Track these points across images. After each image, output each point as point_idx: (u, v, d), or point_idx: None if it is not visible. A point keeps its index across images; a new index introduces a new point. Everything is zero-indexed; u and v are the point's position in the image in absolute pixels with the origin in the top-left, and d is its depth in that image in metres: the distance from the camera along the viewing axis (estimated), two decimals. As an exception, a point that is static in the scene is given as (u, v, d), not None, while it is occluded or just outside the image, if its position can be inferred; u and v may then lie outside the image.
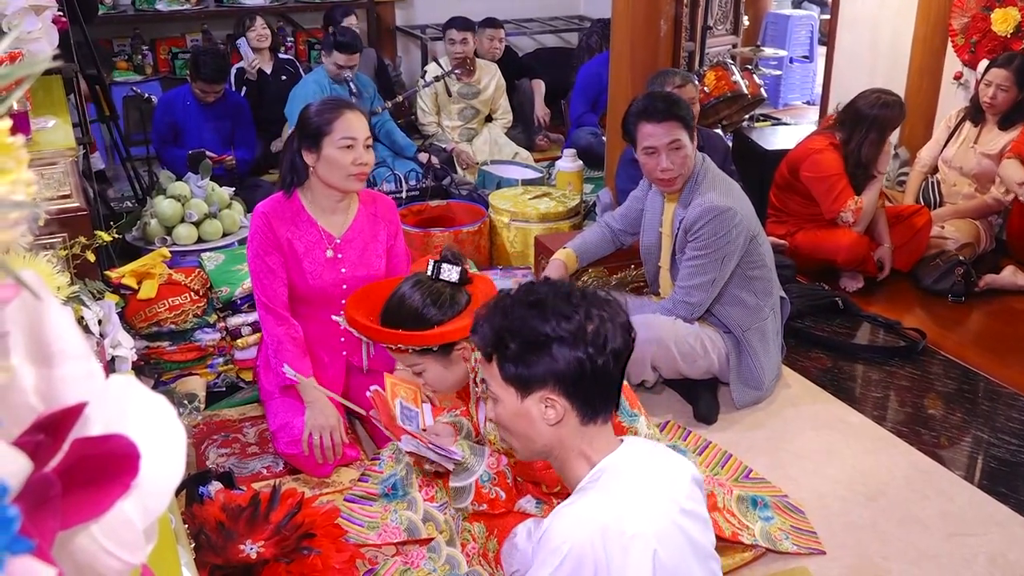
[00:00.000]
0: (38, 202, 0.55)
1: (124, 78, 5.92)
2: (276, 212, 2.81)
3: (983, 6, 4.70)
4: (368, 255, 2.89)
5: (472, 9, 6.52)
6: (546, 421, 1.63)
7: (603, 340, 1.59)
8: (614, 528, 1.53)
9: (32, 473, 0.51)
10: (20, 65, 0.55)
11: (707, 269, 2.99)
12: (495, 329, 1.64)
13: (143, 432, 0.57)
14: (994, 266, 4.23)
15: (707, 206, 2.95)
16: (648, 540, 1.54)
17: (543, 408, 1.63)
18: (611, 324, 1.61)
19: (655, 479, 1.65)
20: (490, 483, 2.22)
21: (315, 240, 2.84)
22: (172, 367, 3.21)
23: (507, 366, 1.63)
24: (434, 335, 2.28)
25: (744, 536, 2.46)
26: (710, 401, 3.14)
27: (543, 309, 1.60)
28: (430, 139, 5.57)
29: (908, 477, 2.83)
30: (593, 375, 1.60)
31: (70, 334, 0.57)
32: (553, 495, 2.21)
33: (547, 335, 1.59)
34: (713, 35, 5.29)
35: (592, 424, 1.66)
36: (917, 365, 3.52)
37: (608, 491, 1.59)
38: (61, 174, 2.55)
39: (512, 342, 1.62)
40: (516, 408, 1.65)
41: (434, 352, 2.31)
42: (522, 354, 1.61)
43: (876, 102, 3.94)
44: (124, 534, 0.57)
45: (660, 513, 1.59)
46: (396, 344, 2.31)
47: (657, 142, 2.97)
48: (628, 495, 1.60)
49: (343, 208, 2.87)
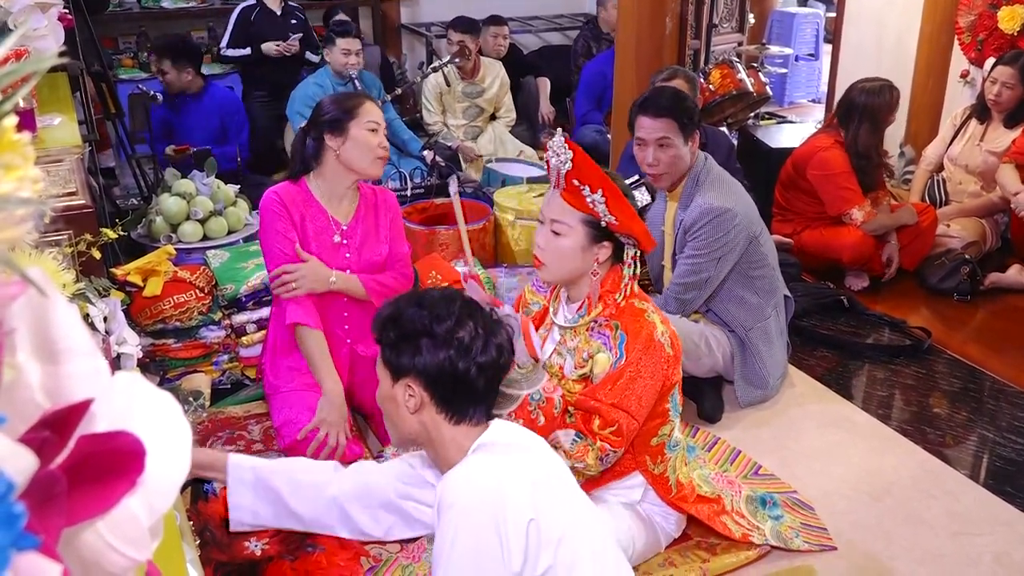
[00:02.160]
0: (44, 199, 0.55)
1: (129, 75, 5.93)
2: (288, 194, 2.87)
3: (990, 4, 4.69)
4: (371, 241, 2.94)
5: (478, 7, 6.52)
6: (407, 408, 1.79)
7: (467, 348, 1.75)
8: (505, 478, 1.67)
9: (38, 470, 0.51)
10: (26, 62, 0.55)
11: (702, 268, 2.99)
12: (385, 317, 1.82)
13: (149, 429, 0.57)
14: (1000, 265, 4.23)
15: (706, 207, 2.95)
16: (527, 485, 1.68)
17: (405, 395, 1.79)
18: (483, 340, 1.76)
19: (526, 447, 1.82)
20: (536, 404, 2.19)
21: (324, 225, 2.89)
22: (177, 364, 3.22)
23: (385, 351, 1.82)
24: (628, 207, 2.16)
25: (755, 536, 2.46)
26: (714, 399, 3.14)
27: (423, 308, 1.78)
28: (435, 137, 5.57)
29: (914, 476, 2.83)
30: (453, 376, 1.75)
31: (76, 331, 0.57)
32: (597, 434, 2.19)
33: (419, 330, 1.76)
34: (718, 33, 5.28)
35: (462, 424, 1.80)
36: (922, 364, 3.52)
37: (487, 454, 1.74)
38: (67, 171, 2.55)
39: (393, 331, 1.80)
40: (388, 391, 1.83)
41: (594, 227, 2.20)
42: (396, 342, 1.79)
43: (863, 90, 3.98)
44: (130, 531, 0.57)
45: (533, 468, 1.75)
46: (595, 188, 2.13)
47: (647, 135, 2.98)
48: (504, 455, 1.75)
49: (350, 196, 2.93)
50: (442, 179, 4.78)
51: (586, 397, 2.21)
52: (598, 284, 2.26)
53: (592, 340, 2.26)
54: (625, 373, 2.17)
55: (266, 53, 5.49)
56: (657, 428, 2.29)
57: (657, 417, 2.28)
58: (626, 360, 2.18)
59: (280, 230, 2.83)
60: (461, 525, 1.63)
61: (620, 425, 2.16)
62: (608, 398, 2.17)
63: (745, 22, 5.96)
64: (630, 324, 2.21)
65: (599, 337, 2.25)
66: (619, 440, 2.18)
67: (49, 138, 2.67)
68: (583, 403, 2.21)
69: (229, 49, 5.55)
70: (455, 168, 5.07)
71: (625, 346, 2.19)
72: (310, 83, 5.06)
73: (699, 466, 2.70)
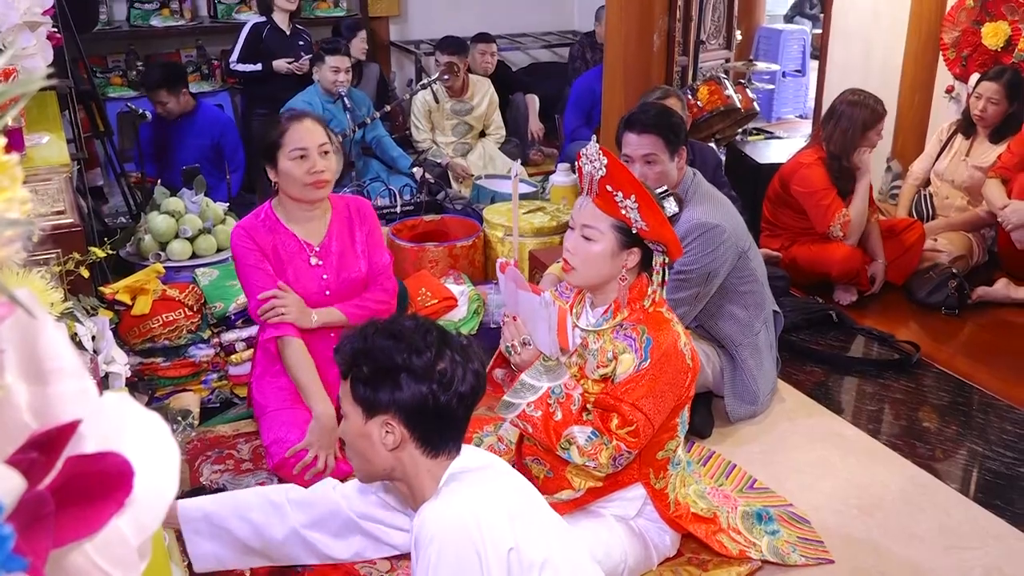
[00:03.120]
0: (33, 219, 0.55)
1: (118, 94, 5.93)
2: (255, 226, 2.85)
3: (973, 20, 4.74)
4: (347, 259, 2.91)
5: (466, 25, 6.55)
6: (384, 445, 1.74)
7: (450, 380, 1.70)
8: (482, 509, 1.65)
9: (26, 491, 0.51)
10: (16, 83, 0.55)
11: (691, 284, 3.00)
12: (354, 350, 1.75)
13: (137, 449, 0.57)
14: (987, 279, 4.24)
15: (695, 222, 2.96)
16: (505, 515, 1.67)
17: (383, 432, 1.73)
18: (462, 368, 1.72)
19: (496, 472, 1.81)
20: (556, 399, 2.20)
21: (297, 249, 2.86)
22: (166, 383, 3.21)
23: (357, 386, 1.74)
24: (659, 213, 2.18)
25: (752, 552, 2.46)
26: (704, 415, 3.14)
27: (399, 340, 1.71)
28: (424, 154, 5.58)
29: (904, 490, 2.83)
30: (435, 411, 1.71)
31: (64, 352, 0.57)
32: (614, 433, 2.18)
33: (397, 364, 1.70)
34: (706, 50, 5.30)
35: (439, 457, 1.77)
36: (911, 378, 3.53)
37: (461, 484, 1.72)
38: (55, 190, 2.55)
39: (365, 365, 1.73)
40: (359, 428, 1.76)
41: (625, 233, 2.21)
42: (371, 378, 1.72)
43: (845, 99, 4.01)
44: (118, 551, 0.57)
45: (507, 493, 1.75)
46: (628, 193, 2.15)
47: (632, 152, 2.99)
48: (478, 484, 1.73)
49: (317, 216, 2.89)
50: (431, 196, 4.79)
51: (607, 395, 2.22)
52: (626, 290, 2.27)
53: (617, 341, 2.26)
54: (647, 375, 2.19)
55: (276, 70, 5.50)
56: (665, 442, 2.30)
57: (667, 431, 2.28)
58: (650, 363, 2.19)
59: (253, 263, 2.81)
60: (442, 559, 1.61)
61: (638, 426, 2.16)
62: (629, 397, 2.18)
63: (732, 39, 5.99)
64: (656, 331, 2.23)
65: (625, 339, 2.25)
66: (635, 441, 2.18)
67: (37, 157, 2.67)
68: (603, 401, 2.22)
69: (239, 64, 5.55)
70: (444, 185, 5.08)
71: (651, 350, 2.20)
72: (299, 100, 5.06)
73: (694, 481, 2.70)
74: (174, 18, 6.14)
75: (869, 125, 3.96)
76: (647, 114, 3.03)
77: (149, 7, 6.08)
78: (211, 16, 6.35)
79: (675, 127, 3.01)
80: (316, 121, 2.82)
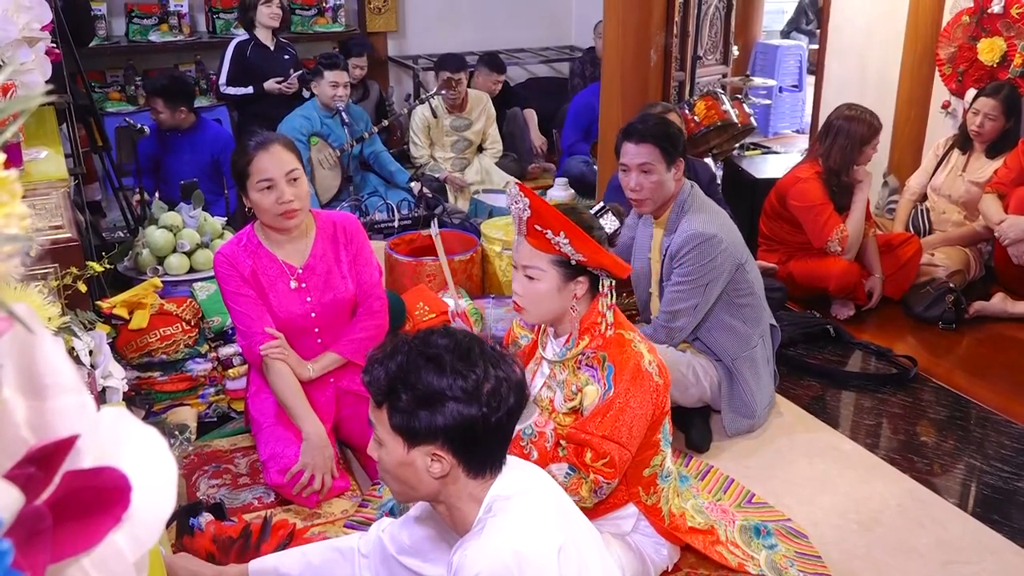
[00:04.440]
0: (31, 235, 0.55)
1: (117, 108, 5.94)
2: (235, 251, 2.81)
3: (969, 36, 4.76)
4: (333, 280, 2.86)
5: (463, 41, 6.58)
6: (431, 474, 1.63)
7: (498, 400, 1.59)
8: (524, 549, 1.56)
9: (23, 506, 0.51)
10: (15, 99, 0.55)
11: (690, 295, 3.00)
12: (389, 377, 1.61)
13: (134, 464, 0.57)
14: (984, 293, 4.25)
15: (692, 232, 2.97)
16: (552, 551, 1.59)
17: (429, 461, 1.62)
18: (506, 383, 1.61)
19: (541, 492, 1.71)
20: (529, 439, 2.20)
21: (278, 273, 2.82)
22: (163, 397, 3.20)
23: (396, 416, 1.61)
24: (593, 244, 2.17)
25: (750, 566, 2.45)
26: (702, 429, 3.14)
27: (440, 364, 1.59)
28: (422, 169, 5.59)
29: (902, 505, 2.83)
30: (485, 433, 1.60)
31: (62, 367, 0.57)
32: (590, 467, 2.18)
33: (441, 392, 1.57)
34: (703, 65, 5.32)
35: (484, 477, 1.67)
36: (909, 392, 3.53)
37: (506, 515, 1.61)
38: (53, 205, 2.55)
39: (405, 393, 1.59)
40: (401, 457, 1.64)
41: (566, 266, 2.21)
42: (413, 407, 1.59)
43: (842, 114, 4.02)
44: (115, 566, 0.57)
45: (555, 525, 1.65)
46: (557, 231, 2.15)
47: (629, 161, 3.01)
48: (525, 514, 1.63)
49: (299, 237, 2.84)
50: (429, 210, 4.79)
51: (577, 430, 2.21)
52: (577, 320, 2.27)
53: (580, 373, 2.27)
54: (614, 404, 2.18)
55: (268, 91, 5.46)
56: (649, 459, 2.30)
57: (649, 448, 2.28)
58: (614, 392, 2.18)
59: (233, 288, 2.78)
60: None
61: (612, 457, 2.16)
62: (599, 430, 2.17)
63: (729, 54, 6.01)
64: (617, 355, 2.22)
65: (587, 370, 2.26)
66: (612, 472, 2.18)
67: (35, 171, 2.66)
68: (574, 436, 2.21)
69: (229, 88, 5.49)
70: (442, 200, 5.09)
71: (613, 378, 2.20)
72: (297, 116, 5.07)
73: (692, 496, 2.69)
74: (172, 33, 6.15)
75: (866, 140, 3.98)
76: (645, 124, 3.05)
77: (148, 23, 6.09)
78: (210, 32, 6.36)
79: (673, 138, 3.03)
80: (284, 147, 2.73)
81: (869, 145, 3.99)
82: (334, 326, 2.90)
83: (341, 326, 2.92)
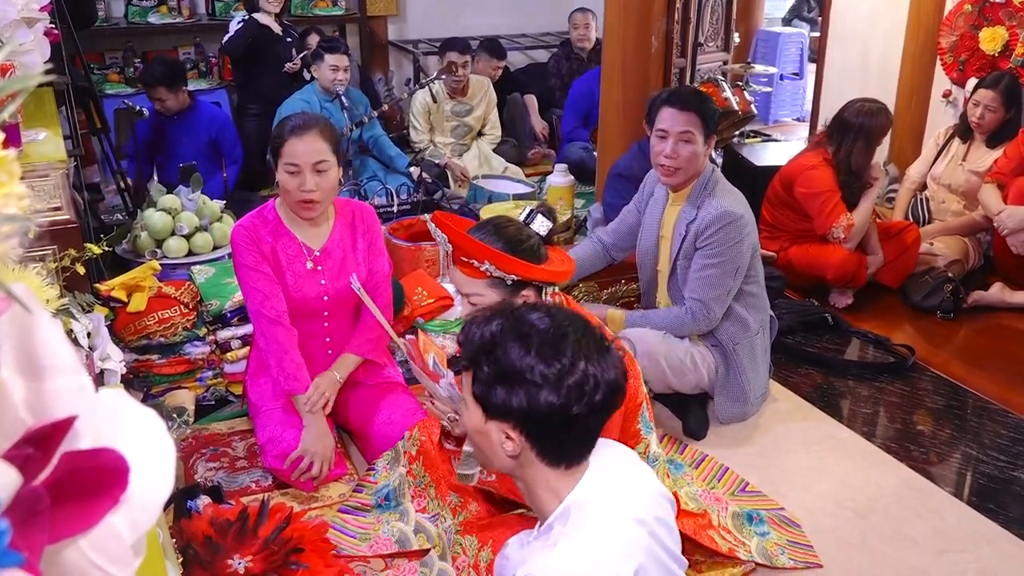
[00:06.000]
0: (29, 215, 0.55)
1: (116, 90, 5.92)
2: (256, 226, 2.79)
3: (971, 25, 4.75)
4: (348, 265, 2.86)
5: (463, 25, 6.55)
6: (504, 450, 1.61)
7: (582, 394, 1.52)
8: (595, 570, 1.50)
9: (21, 487, 0.51)
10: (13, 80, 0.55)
11: (723, 280, 2.98)
12: (482, 343, 1.59)
13: (132, 446, 0.57)
14: (982, 283, 4.26)
15: (722, 211, 2.95)
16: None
17: (502, 437, 1.60)
18: (595, 379, 1.53)
19: (622, 505, 1.62)
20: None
21: (296, 252, 2.81)
22: (161, 380, 3.20)
23: (477, 385, 1.60)
24: (521, 263, 2.21)
25: (741, 552, 2.46)
26: (699, 416, 3.14)
27: (528, 344, 1.54)
28: (422, 154, 5.58)
29: (898, 494, 2.84)
30: (562, 424, 1.55)
31: (61, 348, 0.57)
32: None
33: (520, 372, 1.53)
34: (704, 52, 5.30)
35: (563, 467, 1.61)
36: (906, 381, 3.53)
37: (580, 533, 1.54)
38: (52, 187, 2.55)
39: (488, 364, 1.57)
40: (479, 425, 1.63)
41: (505, 286, 2.23)
42: (492, 380, 1.56)
43: (861, 111, 3.99)
44: (113, 548, 0.57)
45: (633, 543, 1.56)
46: (481, 260, 2.18)
47: (670, 127, 2.98)
48: (600, 534, 1.55)
49: (319, 221, 2.83)
50: (429, 195, 4.78)
51: None
52: None
53: None
54: None
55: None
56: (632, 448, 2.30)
57: (630, 439, 2.28)
58: None
59: (250, 263, 2.75)
60: None
61: None
62: None
63: (730, 41, 5.99)
64: None
65: None
66: None
67: (34, 153, 2.66)
68: None
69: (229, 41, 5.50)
70: (442, 185, 5.08)
71: None
72: (297, 99, 5.05)
73: (686, 483, 2.70)
74: (172, 15, 6.13)
75: (883, 134, 4.01)
76: (689, 94, 3.06)
77: (147, 4, 6.06)
78: (209, 14, 6.34)
79: (713, 112, 3.04)
80: (321, 134, 2.67)
81: (884, 135, 4.02)
82: (341, 312, 2.90)
83: (348, 314, 2.92)
